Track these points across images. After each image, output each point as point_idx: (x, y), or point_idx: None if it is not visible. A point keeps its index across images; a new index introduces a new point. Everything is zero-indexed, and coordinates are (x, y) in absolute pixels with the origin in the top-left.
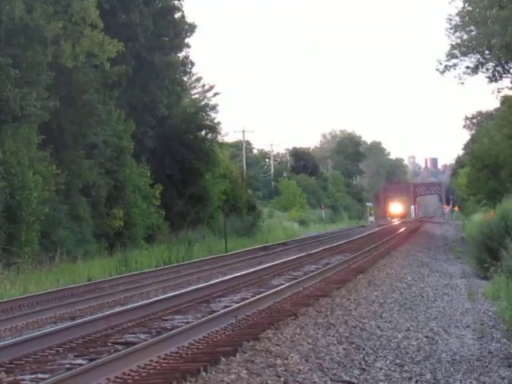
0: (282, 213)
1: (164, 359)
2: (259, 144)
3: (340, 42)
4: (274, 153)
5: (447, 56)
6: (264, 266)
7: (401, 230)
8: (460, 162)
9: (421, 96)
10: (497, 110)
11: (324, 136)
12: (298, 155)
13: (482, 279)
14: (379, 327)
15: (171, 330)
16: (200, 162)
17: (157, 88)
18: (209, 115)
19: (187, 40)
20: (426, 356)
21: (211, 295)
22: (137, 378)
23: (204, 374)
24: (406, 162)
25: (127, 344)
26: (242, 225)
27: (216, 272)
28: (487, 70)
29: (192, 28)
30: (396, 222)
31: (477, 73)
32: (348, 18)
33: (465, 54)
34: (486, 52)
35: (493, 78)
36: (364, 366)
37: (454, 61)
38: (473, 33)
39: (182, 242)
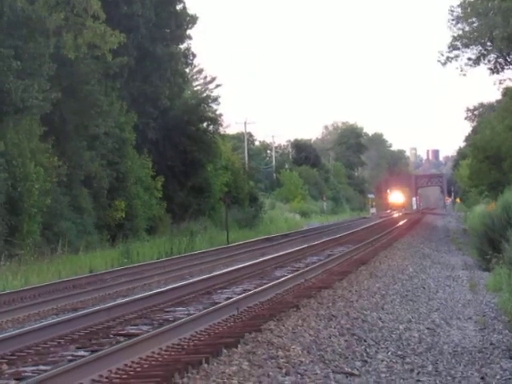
0: (283, 204)
1: (166, 351)
2: (261, 135)
3: (342, 34)
4: (276, 144)
5: (449, 47)
6: (266, 258)
7: (402, 222)
8: (462, 154)
9: (423, 88)
10: (498, 101)
11: (326, 127)
12: (300, 147)
13: (483, 271)
14: (381, 319)
15: (173, 321)
16: (202, 153)
17: (159, 79)
18: (210, 107)
19: (189, 31)
20: (428, 348)
21: (213, 287)
22: (138, 369)
23: (206, 365)
24: (407, 153)
25: (129, 336)
26: (243, 216)
27: (218, 264)
28: (489, 61)
29: (193, 19)
30: (397, 214)
31: (478, 64)
32: (350, 10)
33: (466, 46)
34: (488, 43)
35: (494, 70)
36: (366, 358)
37: (456, 52)
38: (474, 24)
39: (184, 233)
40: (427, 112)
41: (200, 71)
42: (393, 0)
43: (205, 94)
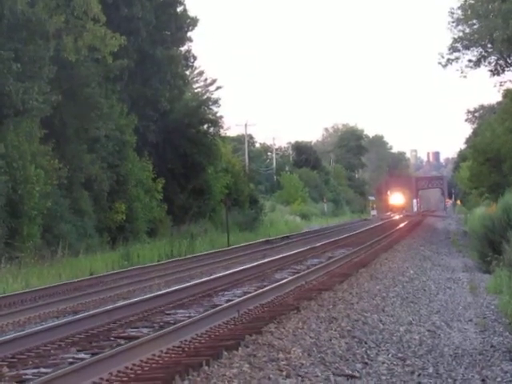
0: (284, 207)
1: (166, 353)
2: (261, 138)
3: (343, 36)
4: (276, 146)
5: (449, 49)
6: (266, 260)
7: (403, 224)
8: (462, 156)
9: (423, 90)
10: (499, 103)
11: (326, 130)
12: (300, 149)
13: (484, 273)
14: (381, 321)
15: (174, 324)
16: (202, 155)
17: (159, 82)
18: (211, 109)
19: (189, 34)
20: (429, 350)
21: (214, 289)
22: (139, 372)
23: (206, 368)
24: (408, 155)
25: (130, 338)
26: (244, 219)
27: (218, 266)
28: (489, 63)
29: (194, 22)
30: (397, 216)
31: (479, 66)
32: (351, 11)
33: (467, 48)
34: (489, 45)
35: (495, 72)
36: (366, 360)
37: (456, 54)
38: (475, 26)
39: (184, 235)
40: (428, 114)
41: (200, 73)
42: (393, 2)
43: (205, 96)
